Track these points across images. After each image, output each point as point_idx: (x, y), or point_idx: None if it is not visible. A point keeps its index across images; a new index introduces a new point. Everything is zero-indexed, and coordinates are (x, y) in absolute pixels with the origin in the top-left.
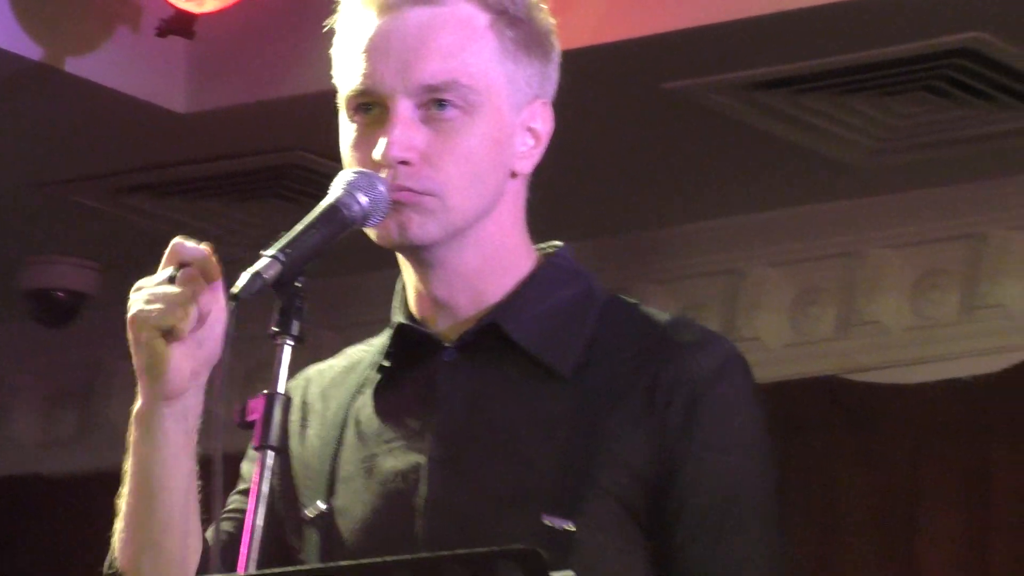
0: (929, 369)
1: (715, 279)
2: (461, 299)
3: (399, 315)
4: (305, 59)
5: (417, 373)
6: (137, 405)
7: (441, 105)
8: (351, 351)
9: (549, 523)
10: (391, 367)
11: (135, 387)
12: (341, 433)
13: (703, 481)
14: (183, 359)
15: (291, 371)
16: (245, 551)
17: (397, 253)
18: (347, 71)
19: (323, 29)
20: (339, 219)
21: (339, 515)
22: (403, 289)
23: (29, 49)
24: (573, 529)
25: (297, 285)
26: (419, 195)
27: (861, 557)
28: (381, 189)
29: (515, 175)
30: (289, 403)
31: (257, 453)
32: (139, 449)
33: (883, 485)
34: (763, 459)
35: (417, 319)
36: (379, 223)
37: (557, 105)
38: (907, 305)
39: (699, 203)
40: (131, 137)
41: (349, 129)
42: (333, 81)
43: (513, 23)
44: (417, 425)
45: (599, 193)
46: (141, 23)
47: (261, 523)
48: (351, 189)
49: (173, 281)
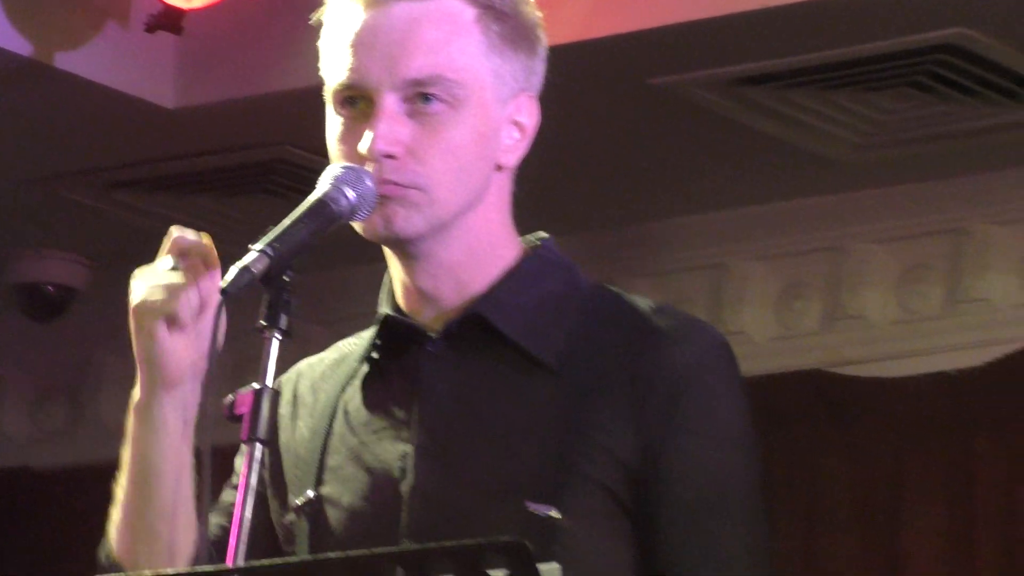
0: (913, 363)
1: (701, 273)
2: (446, 291)
3: (385, 307)
4: (293, 55)
5: (403, 364)
6: (136, 394)
7: (427, 99)
8: (342, 344)
9: (533, 511)
10: (379, 359)
11: (124, 381)
12: (330, 424)
13: (685, 470)
14: (183, 348)
15: (279, 365)
16: (233, 543)
17: (383, 246)
18: (333, 65)
19: (309, 22)
20: (327, 214)
21: (327, 503)
22: (390, 282)
23: (18, 45)
24: (558, 517)
25: (285, 279)
26: (404, 188)
27: (845, 549)
28: (368, 184)
29: (500, 168)
30: (277, 397)
31: (246, 447)
32: (137, 437)
33: (867, 478)
34: (747, 448)
35: (404, 311)
36: (365, 217)
37: (544, 100)
38: (892, 299)
39: (685, 198)
40: (120, 132)
41: (335, 122)
42: (320, 75)
43: (499, 17)
44: (403, 415)
45: (586, 188)
46: (130, 19)
47: (250, 515)
48: (339, 184)
49: (173, 271)
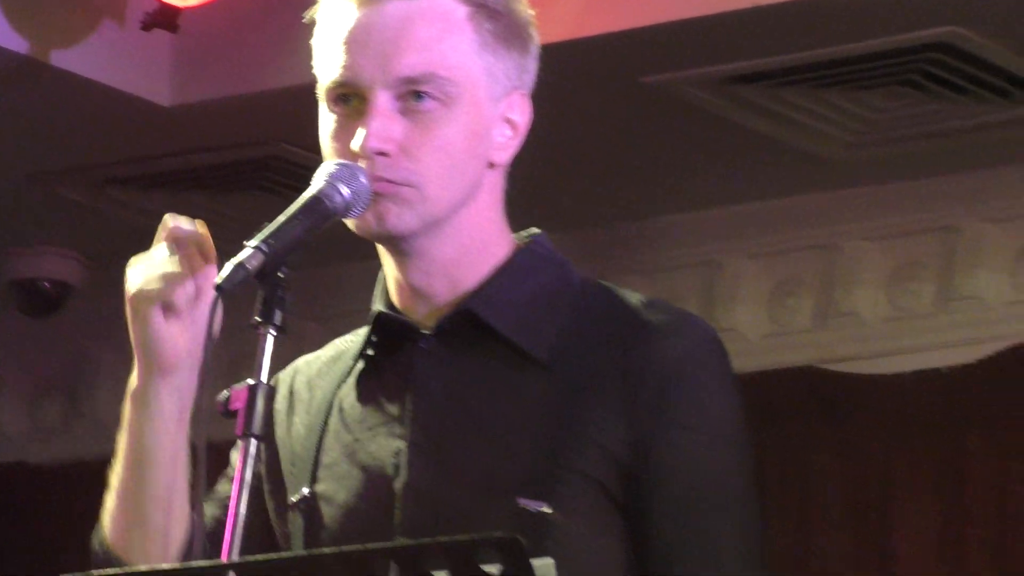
0: (905, 360)
1: (694, 271)
2: (438, 287)
3: (379, 304)
4: (288, 53)
5: (397, 361)
6: (133, 381)
7: (419, 97)
8: (339, 342)
9: (525, 506)
10: (373, 355)
11: (120, 377)
12: (326, 420)
13: (676, 464)
14: (179, 335)
15: (274, 361)
16: (228, 538)
17: (376, 243)
18: (326, 62)
19: (303, 20)
20: (321, 210)
21: (322, 500)
22: (384, 279)
23: (14, 42)
24: (549, 512)
25: (280, 275)
26: (397, 186)
27: (837, 545)
28: (363, 181)
29: (493, 166)
30: (272, 392)
31: (241, 442)
32: (134, 423)
33: (859, 474)
34: (737, 441)
35: (397, 308)
36: (359, 214)
37: (537, 99)
38: (883, 296)
39: (677, 196)
40: (116, 130)
41: (328, 120)
42: (314, 73)
43: (491, 16)
44: (397, 412)
45: (578, 186)
46: (126, 17)
47: (244, 510)
48: (333, 180)
49: (169, 259)
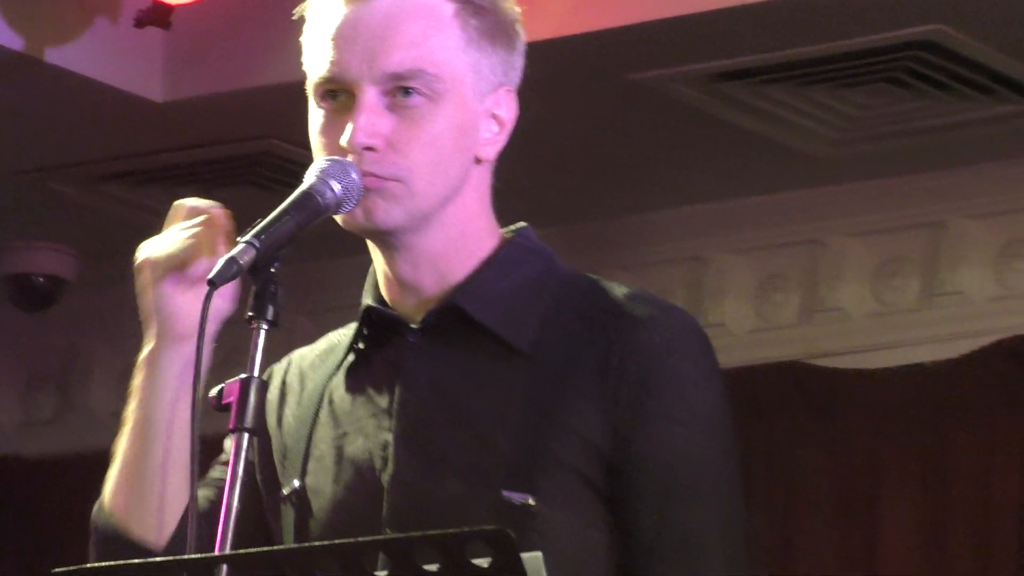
0: (890, 355)
1: (680, 266)
2: (426, 281)
3: (369, 298)
4: (279, 49)
5: (386, 355)
6: (144, 350)
7: (406, 93)
8: (332, 335)
9: (509, 498)
10: (363, 349)
11: (113, 371)
12: (316, 413)
13: (657, 454)
14: (192, 302)
15: (266, 355)
16: (221, 532)
17: (365, 238)
18: (315, 58)
19: (293, 17)
20: (313, 206)
21: (311, 493)
22: (374, 273)
23: (8, 39)
24: (533, 503)
25: (272, 270)
26: (384, 181)
27: (822, 539)
28: (354, 177)
29: (479, 161)
30: (265, 387)
31: (233, 436)
32: (142, 390)
33: (844, 468)
34: (720, 434)
35: (387, 302)
36: (351, 209)
37: (524, 96)
38: (868, 292)
39: (664, 192)
40: (109, 126)
41: (317, 115)
42: (303, 69)
43: (478, 12)
44: (385, 405)
45: (565, 182)
46: (119, 13)
47: (236, 504)
48: (325, 177)
49: (185, 230)
